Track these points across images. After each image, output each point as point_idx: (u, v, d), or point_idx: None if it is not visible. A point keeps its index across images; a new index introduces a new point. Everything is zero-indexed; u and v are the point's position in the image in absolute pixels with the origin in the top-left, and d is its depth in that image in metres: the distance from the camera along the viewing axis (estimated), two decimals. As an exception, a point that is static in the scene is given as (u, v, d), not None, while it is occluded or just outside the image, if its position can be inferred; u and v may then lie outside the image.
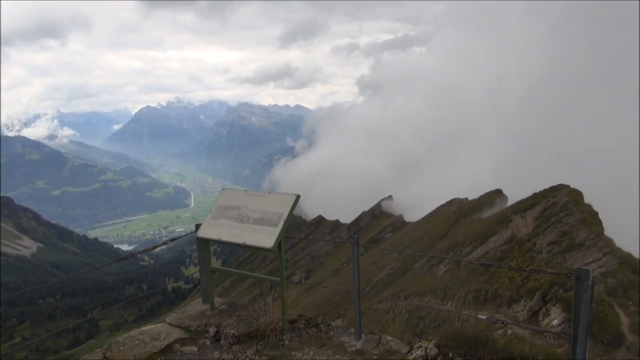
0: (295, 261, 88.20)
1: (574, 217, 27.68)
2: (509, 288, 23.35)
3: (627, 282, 20.35)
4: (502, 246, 30.08)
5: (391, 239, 67.51)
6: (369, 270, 49.81)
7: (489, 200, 49.78)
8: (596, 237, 24.63)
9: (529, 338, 15.94)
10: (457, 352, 4.11)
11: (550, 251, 25.71)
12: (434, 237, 45.89)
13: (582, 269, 3.30)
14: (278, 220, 4.96)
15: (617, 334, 17.11)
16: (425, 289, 30.12)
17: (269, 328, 4.96)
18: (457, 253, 34.64)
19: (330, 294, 43.30)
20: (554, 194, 32.73)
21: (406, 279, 37.95)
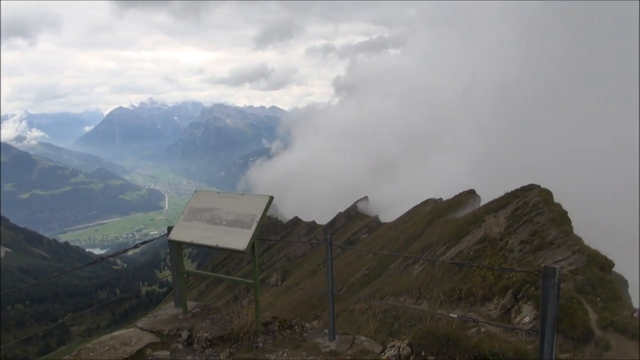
0: (271, 263, 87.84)
1: (544, 216, 28.35)
2: (482, 287, 23.75)
3: (595, 279, 20.94)
4: (476, 245, 30.59)
5: (367, 239, 67.87)
6: (346, 271, 49.98)
7: (463, 200, 50.56)
8: (565, 235, 25.28)
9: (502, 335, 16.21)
10: (429, 350, 4.16)
11: (521, 250, 26.27)
12: (409, 237, 46.35)
13: (549, 267, 3.37)
14: (251, 222, 4.93)
15: (586, 330, 17.57)
16: (401, 288, 30.40)
17: (243, 331, 4.91)
18: (432, 253, 35.08)
19: (306, 296, 43.29)
20: (525, 193, 33.46)
21: (382, 279, 38.22)
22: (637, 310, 18.82)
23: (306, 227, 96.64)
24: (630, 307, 19.50)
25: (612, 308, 18.93)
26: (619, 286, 21.05)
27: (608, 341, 16.78)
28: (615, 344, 16.70)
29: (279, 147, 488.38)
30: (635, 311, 18.65)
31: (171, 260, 5.64)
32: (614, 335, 17.20)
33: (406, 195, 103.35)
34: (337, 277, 49.44)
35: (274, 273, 76.38)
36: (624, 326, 17.21)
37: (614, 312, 18.42)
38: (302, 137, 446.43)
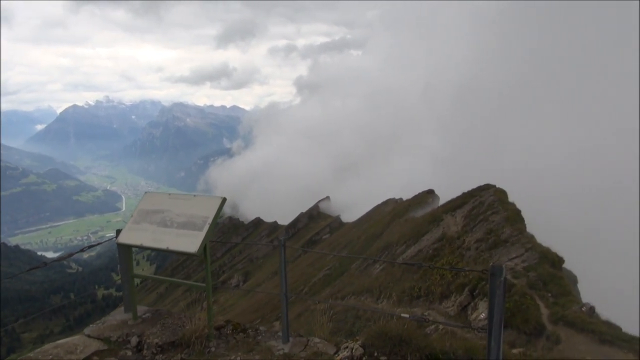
0: (233, 264, 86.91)
1: (499, 215, 29.23)
2: (440, 285, 24.25)
3: (546, 275, 21.74)
4: (434, 244, 31.21)
5: (329, 239, 68.14)
6: (307, 272, 50.01)
7: (422, 200, 51.51)
8: (519, 233, 26.15)
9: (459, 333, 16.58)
10: (381, 351, 4.17)
11: (477, 248, 26.98)
12: (370, 237, 46.84)
13: (496, 266, 3.44)
14: (203, 224, 4.82)
15: (538, 325, 18.21)
16: (362, 288, 30.64)
17: (195, 336, 4.80)
18: (392, 252, 35.55)
19: (268, 297, 43.02)
20: (481, 193, 34.42)
21: (343, 279, 38.43)
22: (585, 304, 19.67)
23: (268, 228, 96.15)
24: (579, 301, 20.34)
25: (562, 303, 19.70)
26: (568, 282, 21.92)
27: (558, 335, 17.44)
28: (565, 337, 17.37)
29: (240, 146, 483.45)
30: (584, 305, 19.48)
31: (120, 264, 5.45)
32: (564, 329, 17.89)
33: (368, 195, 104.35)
34: (299, 277, 49.42)
35: (236, 274, 75.61)
36: (574, 320, 17.93)
37: (564, 306, 19.17)
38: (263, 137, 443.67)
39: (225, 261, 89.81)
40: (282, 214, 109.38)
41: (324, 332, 5.06)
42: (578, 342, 17.09)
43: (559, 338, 17.39)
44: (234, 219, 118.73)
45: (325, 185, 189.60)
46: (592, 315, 18.81)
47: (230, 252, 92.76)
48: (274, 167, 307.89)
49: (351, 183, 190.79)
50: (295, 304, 33.93)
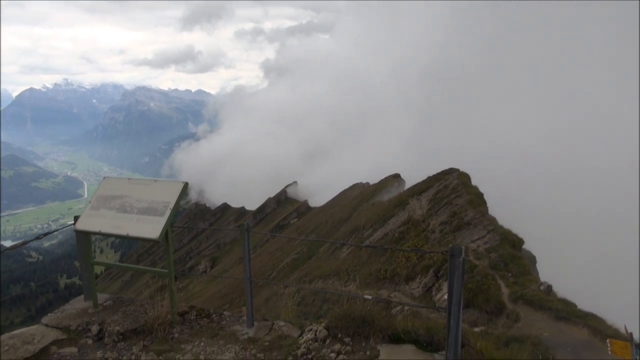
0: (200, 250, 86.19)
1: (462, 198, 29.94)
2: (406, 267, 24.75)
3: (507, 256, 22.47)
4: (400, 227, 31.74)
5: (297, 224, 68.29)
6: (275, 256, 50.09)
7: (388, 184, 52.15)
8: (481, 216, 26.87)
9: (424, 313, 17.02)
10: (345, 332, 4.23)
11: (442, 230, 27.61)
12: (337, 222, 47.21)
13: (455, 247, 3.50)
14: (164, 209, 4.72)
15: (499, 304, 18.85)
16: (329, 272, 30.97)
17: (157, 322, 4.73)
18: (359, 236, 35.98)
19: (236, 282, 42.92)
20: (446, 177, 35.13)
21: (311, 263, 38.71)
22: (543, 283, 20.44)
23: (235, 213, 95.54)
24: (537, 281, 21.13)
25: (521, 282, 20.43)
26: (528, 262, 22.73)
27: (518, 313, 18.11)
28: (524, 315, 18.05)
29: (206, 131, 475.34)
30: (542, 284, 20.24)
31: (78, 251, 5.30)
32: (523, 307, 18.58)
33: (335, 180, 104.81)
34: (267, 262, 49.46)
35: (203, 261, 75.03)
36: (532, 298, 18.65)
37: (523, 286, 19.89)
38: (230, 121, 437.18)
39: (192, 247, 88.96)
40: (249, 199, 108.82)
41: (289, 316, 5.08)
42: (536, 319, 17.80)
43: (519, 316, 18.07)
44: (200, 205, 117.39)
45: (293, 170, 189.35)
46: (550, 293, 19.59)
47: (197, 239, 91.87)
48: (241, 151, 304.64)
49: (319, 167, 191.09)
50: (263, 289, 33.97)
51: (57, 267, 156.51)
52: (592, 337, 15.66)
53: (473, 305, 19.07)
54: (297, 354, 4.13)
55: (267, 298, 27.96)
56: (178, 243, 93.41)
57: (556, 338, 15.88)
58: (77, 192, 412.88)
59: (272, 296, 27.08)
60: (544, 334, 16.09)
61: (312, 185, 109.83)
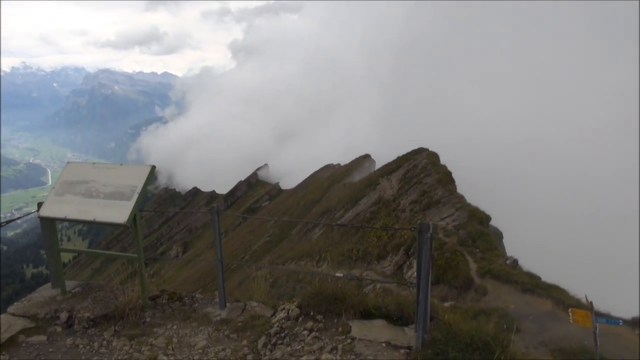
0: (171, 235, 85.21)
1: (431, 177, 30.42)
2: (378, 246, 25.11)
3: (475, 232, 23.05)
4: (371, 207, 32.10)
5: (268, 207, 68.18)
6: (248, 239, 49.99)
7: (359, 164, 52.49)
8: (450, 194, 27.40)
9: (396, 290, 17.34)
10: (317, 310, 4.29)
11: (412, 209, 28.06)
12: (309, 203, 47.36)
13: (423, 223, 3.59)
14: (132, 193, 4.64)
15: (467, 279, 19.38)
16: (302, 253, 31.15)
17: (128, 307, 4.69)
18: (331, 217, 36.22)
19: (209, 267, 42.72)
20: (415, 156, 35.59)
21: (283, 245, 38.83)
22: (509, 258, 21.10)
23: (206, 198, 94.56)
24: (504, 255, 21.80)
25: (489, 258, 21.03)
26: (494, 238, 23.39)
27: (485, 287, 18.68)
28: (491, 288, 18.63)
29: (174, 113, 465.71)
30: (508, 259, 20.89)
31: (43, 239, 5.17)
32: (490, 282, 19.16)
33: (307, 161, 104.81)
34: (240, 245, 49.34)
35: (174, 246, 74.26)
36: (499, 273, 19.24)
37: (491, 261, 20.48)
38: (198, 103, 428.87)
39: (163, 233, 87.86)
40: (220, 183, 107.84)
41: (262, 296, 5.11)
42: (503, 292, 18.40)
43: (486, 290, 18.64)
44: (169, 190, 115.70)
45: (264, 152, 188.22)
46: (516, 267, 20.25)
47: (167, 224, 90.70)
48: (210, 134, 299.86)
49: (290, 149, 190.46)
50: (236, 272, 33.94)
51: (23, 256, 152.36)
52: (555, 308, 16.31)
53: (443, 281, 19.56)
54: (271, 332, 4.17)
55: (240, 281, 27.98)
56: (148, 229, 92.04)
57: (522, 310, 16.48)
58: (40, 179, 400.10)
59: (245, 279, 27.09)
60: (510, 306, 16.68)
61: (284, 168, 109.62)
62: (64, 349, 4.31)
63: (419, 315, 3.67)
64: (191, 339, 4.31)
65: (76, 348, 4.32)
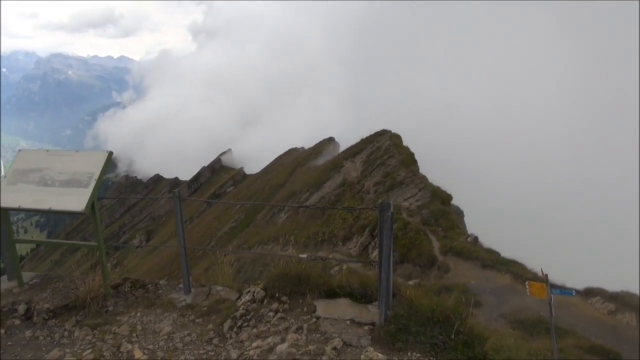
0: (133, 224, 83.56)
1: (395, 159, 30.86)
2: (343, 228, 25.39)
3: (437, 211, 23.59)
4: (336, 190, 32.32)
5: (233, 192, 67.65)
6: (213, 226, 49.57)
7: (323, 148, 52.58)
8: (413, 175, 27.89)
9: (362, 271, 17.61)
10: (282, 291, 4.33)
11: (376, 191, 28.42)
12: (274, 187, 47.25)
13: (384, 202, 3.65)
14: (89, 180, 4.51)
15: (430, 257, 19.89)
16: (268, 237, 31.16)
17: (89, 296, 4.60)
18: (296, 200, 36.27)
19: (174, 254, 42.14)
20: (378, 138, 35.93)
21: (249, 229, 38.71)
22: (470, 235, 21.74)
23: (169, 185, 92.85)
24: (465, 233, 22.45)
25: (451, 236, 21.61)
26: (456, 216, 24.03)
27: (448, 264, 19.23)
28: (453, 265, 19.19)
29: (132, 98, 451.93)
30: (469, 236, 21.53)
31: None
32: (452, 259, 19.73)
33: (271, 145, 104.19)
34: (205, 232, 48.87)
35: (137, 234, 72.88)
36: (460, 250, 19.82)
37: (452, 239, 21.05)
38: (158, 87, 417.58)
39: (125, 222, 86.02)
40: (183, 169, 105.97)
41: (227, 280, 5.11)
42: (464, 268, 18.99)
43: (449, 267, 19.20)
44: (130, 177, 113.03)
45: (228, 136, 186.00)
46: (476, 244, 20.91)
47: (129, 212, 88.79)
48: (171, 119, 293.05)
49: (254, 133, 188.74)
50: (201, 259, 33.65)
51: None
52: (514, 282, 16.98)
53: (407, 260, 20.01)
54: (236, 315, 4.19)
55: (206, 268, 27.78)
56: (109, 218, 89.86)
57: (482, 284, 17.08)
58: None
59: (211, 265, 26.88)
60: (471, 281, 17.26)
61: (248, 152, 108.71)
62: (23, 341, 4.21)
63: (382, 292, 3.76)
64: (156, 326, 4.28)
65: (36, 340, 4.22)
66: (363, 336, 3.72)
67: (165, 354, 3.84)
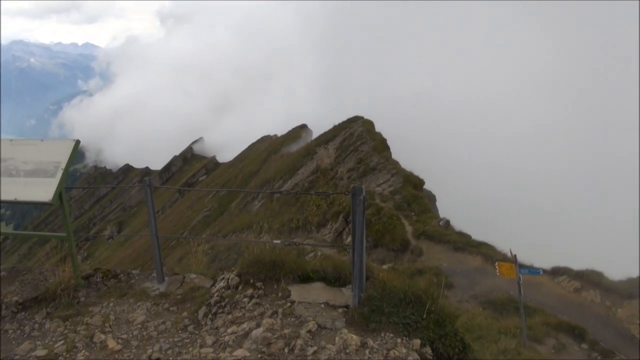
0: (104, 215, 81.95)
1: (367, 145, 31.04)
2: (317, 214, 25.50)
3: (409, 196, 23.89)
4: (309, 177, 32.38)
5: (206, 181, 66.98)
6: (186, 215, 49.07)
7: (296, 134, 52.46)
8: (385, 161, 28.13)
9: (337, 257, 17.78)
10: (257, 277, 4.34)
11: (350, 177, 28.58)
12: (247, 175, 47.01)
13: (356, 186, 3.69)
14: (55, 170, 4.40)
15: (404, 241, 20.18)
16: (242, 225, 31.05)
17: (60, 288, 4.51)
18: (270, 188, 36.20)
19: (147, 244, 41.58)
20: (351, 125, 36.06)
21: (223, 218, 38.49)
22: (442, 219, 22.12)
23: (139, 175, 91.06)
24: (437, 217, 22.84)
25: (423, 220, 21.95)
26: (428, 201, 24.41)
27: (421, 248, 19.56)
28: (426, 249, 19.53)
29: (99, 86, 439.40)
30: (441, 220, 21.91)
31: (-41, 223, 4.83)
32: (425, 243, 20.08)
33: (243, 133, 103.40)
34: (178, 221, 48.35)
35: (108, 225, 71.57)
36: (433, 233, 20.17)
37: (425, 223, 21.40)
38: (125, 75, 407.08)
39: (95, 213, 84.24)
40: (153, 159, 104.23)
41: (201, 268, 5.09)
42: (437, 251, 19.36)
43: (422, 250, 19.53)
44: (99, 168, 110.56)
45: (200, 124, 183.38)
46: (448, 227, 21.31)
47: (99, 203, 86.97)
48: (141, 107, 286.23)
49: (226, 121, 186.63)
50: (175, 249, 33.34)
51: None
52: (484, 263, 17.42)
53: (381, 245, 20.26)
54: (211, 302, 4.19)
55: (180, 257, 27.57)
56: (79, 210, 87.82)
57: (454, 267, 17.46)
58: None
59: (185, 255, 26.70)
60: (443, 264, 17.63)
61: (220, 140, 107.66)
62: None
63: (355, 275, 3.81)
64: (129, 315, 4.25)
65: (5, 334, 4.14)
66: (337, 318, 3.77)
67: (140, 342, 3.83)
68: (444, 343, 3.54)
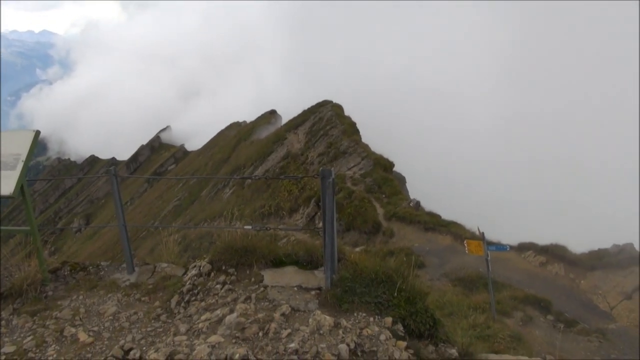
0: (70, 208, 79.82)
1: (337, 129, 31.10)
2: (289, 200, 25.52)
3: (380, 179, 24.14)
4: (280, 162, 32.28)
5: (175, 170, 65.97)
6: (156, 205, 48.32)
7: (265, 120, 52.07)
8: (355, 144, 28.27)
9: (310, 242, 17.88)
10: (229, 264, 4.34)
11: (320, 162, 28.63)
12: (217, 163, 46.52)
13: (325, 169, 3.71)
14: (15, 162, 4.26)
15: (375, 223, 20.42)
16: (214, 213, 30.83)
17: (26, 283, 4.41)
18: (241, 174, 35.95)
19: (116, 237, 40.80)
20: (320, 109, 36.00)
21: (194, 207, 38.09)
22: (412, 200, 22.45)
23: (106, 166, 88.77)
24: (407, 198, 23.16)
25: (394, 202, 22.23)
26: (398, 183, 24.71)
27: (392, 229, 19.84)
28: (397, 230, 19.83)
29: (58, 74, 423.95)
30: (411, 201, 22.24)
31: None
32: (396, 224, 20.36)
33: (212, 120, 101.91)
34: (148, 211, 47.58)
35: (75, 218, 69.84)
36: (403, 215, 20.46)
37: (395, 204, 21.67)
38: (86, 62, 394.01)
39: (61, 206, 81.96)
40: (120, 149, 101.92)
41: (172, 257, 5.04)
42: (408, 232, 19.68)
43: (393, 232, 19.82)
44: (63, 160, 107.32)
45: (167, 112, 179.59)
46: (418, 208, 21.66)
47: (65, 196, 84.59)
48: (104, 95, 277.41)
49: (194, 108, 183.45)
50: (146, 240, 32.86)
51: None
52: (454, 242, 17.82)
53: (353, 228, 20.46)
54: (183, 290, 4.17)
55: (151, 248, 27.23)
56: (43, 203, 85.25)
57: (425, 246, 17.80)
58: None
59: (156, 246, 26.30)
60: (415, 244, 17.94)
61: (188, 128, 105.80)
62: (-45, 334, 4.00)
63: (327, 257, 3.85)
64: (100, 307, 4.19)
65: (-29, 332, 4.03)
66: (310, 301, 3.82)
67: (112, 334, 3.78)
68: (415, 320, 3.63)
